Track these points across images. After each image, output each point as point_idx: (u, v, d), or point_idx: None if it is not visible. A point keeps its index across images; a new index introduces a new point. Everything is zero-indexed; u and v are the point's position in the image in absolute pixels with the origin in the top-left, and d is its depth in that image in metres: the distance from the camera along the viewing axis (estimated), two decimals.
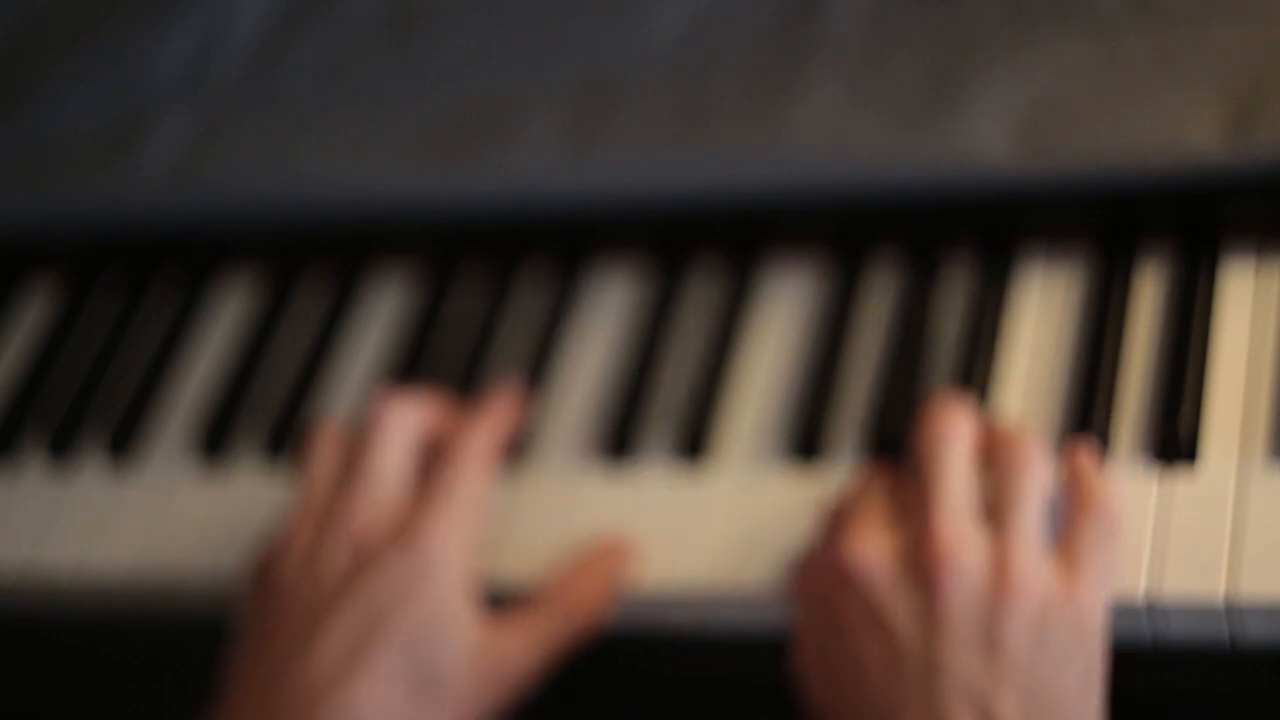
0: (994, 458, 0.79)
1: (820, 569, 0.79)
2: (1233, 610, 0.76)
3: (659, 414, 0.90)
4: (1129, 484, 0.80)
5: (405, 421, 0.87)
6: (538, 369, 0.93)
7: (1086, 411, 0.82)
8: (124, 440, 0.97)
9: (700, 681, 0.88)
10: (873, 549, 0.77)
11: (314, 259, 1.01)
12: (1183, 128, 0.84)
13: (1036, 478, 0.78)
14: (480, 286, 0.97)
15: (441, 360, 0.95)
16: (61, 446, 0.98)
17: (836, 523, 0.79)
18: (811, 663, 0.78)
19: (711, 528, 0.85)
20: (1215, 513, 0.78)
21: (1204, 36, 0.86)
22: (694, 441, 0.88)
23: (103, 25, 1.08)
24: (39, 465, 0.98)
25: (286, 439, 0.94)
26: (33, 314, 1.06)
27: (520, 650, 0.83)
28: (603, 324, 0.94)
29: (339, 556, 0.83)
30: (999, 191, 0.88)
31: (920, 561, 0.75)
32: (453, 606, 0.82)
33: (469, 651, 0.81)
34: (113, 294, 1.04)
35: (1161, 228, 0.87)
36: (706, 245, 0.94)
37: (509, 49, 1.00)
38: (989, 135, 0.87)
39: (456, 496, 0.84)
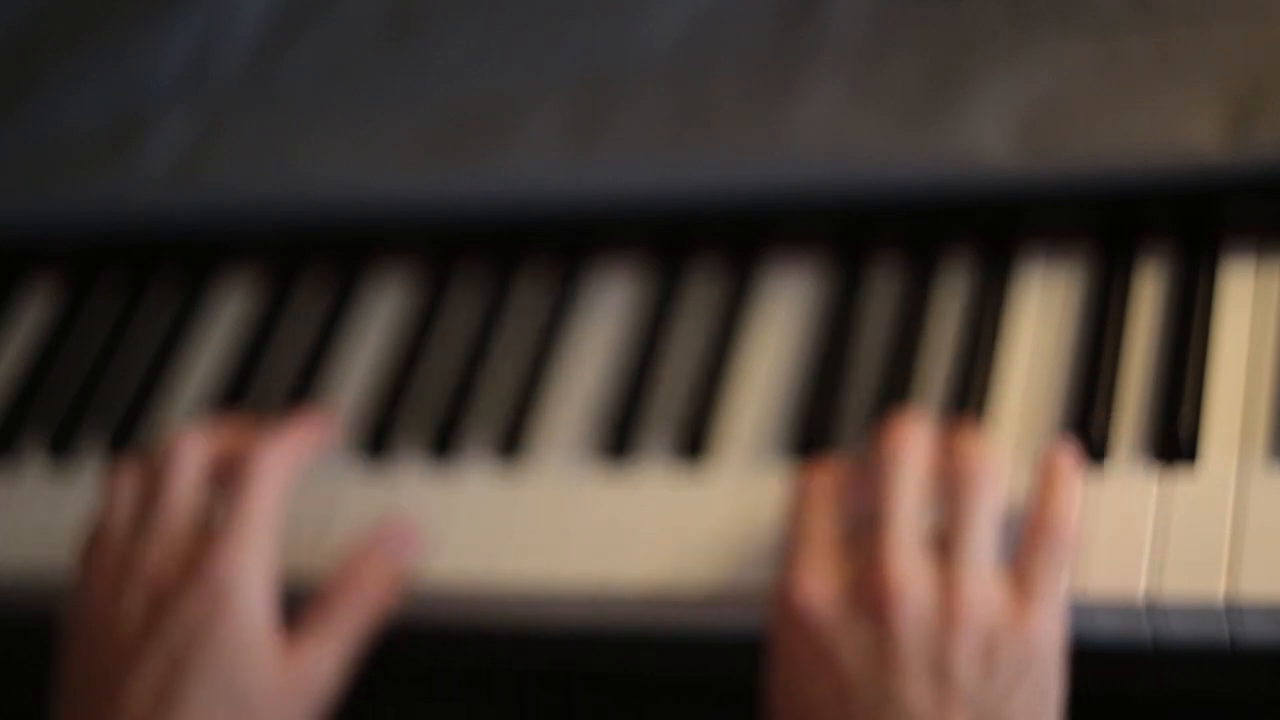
0: (946, 478, 0.78)
1: (773, 606, 0.78)
2: (1233, 610, 0.76)
3: (659, 414, 0.90)
4: (1129, 484, 0.80)
5: (194, 454, 0.87)
6: (538, 369, 0.93)
7: (1086, 411, 0.82)
8: (124, 440, 0.97)
9: (701, 682, 0.88)
10: (818, 585, 0.77)
11: (314, 259, 1.01)
12: (1183, 128, 0.84)
13: (985, 499, 0.77)
14: (480, 286, 0.97)
15: (441, 360, 0.95)
16: (61, 446, 0.98)
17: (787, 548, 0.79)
18: (777, 699, 0.78)
19: (711, 528, 0.85)
20: (1215, 513, 0.78)
21: (1204, 36, 0.86)
22: (694, 441, 0.88)
23: (103, 25, 1.08)
24: (39, 465, 0.98)
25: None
26: (33, 314, 1.06)
27: (322, 658, 0.84)
28: (603, 324, 0.94)
29: (136, 605, 0.84)
30: (999, 191, 0.88)
31: (868, 596, 0.75)
32: (252, 632, 0.83)
33: (274, 672, 0.83)
34: (113, 294, 1.04)
35: (1161, 228, 0.87)
36: (706, 245, 0.94)
37: (509, 49, 1.00)
38: (989, 135, 0.87)
39: (247, 519, 0.84)
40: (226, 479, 0.87)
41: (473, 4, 1.02)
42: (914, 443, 0.79)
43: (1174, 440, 0.80)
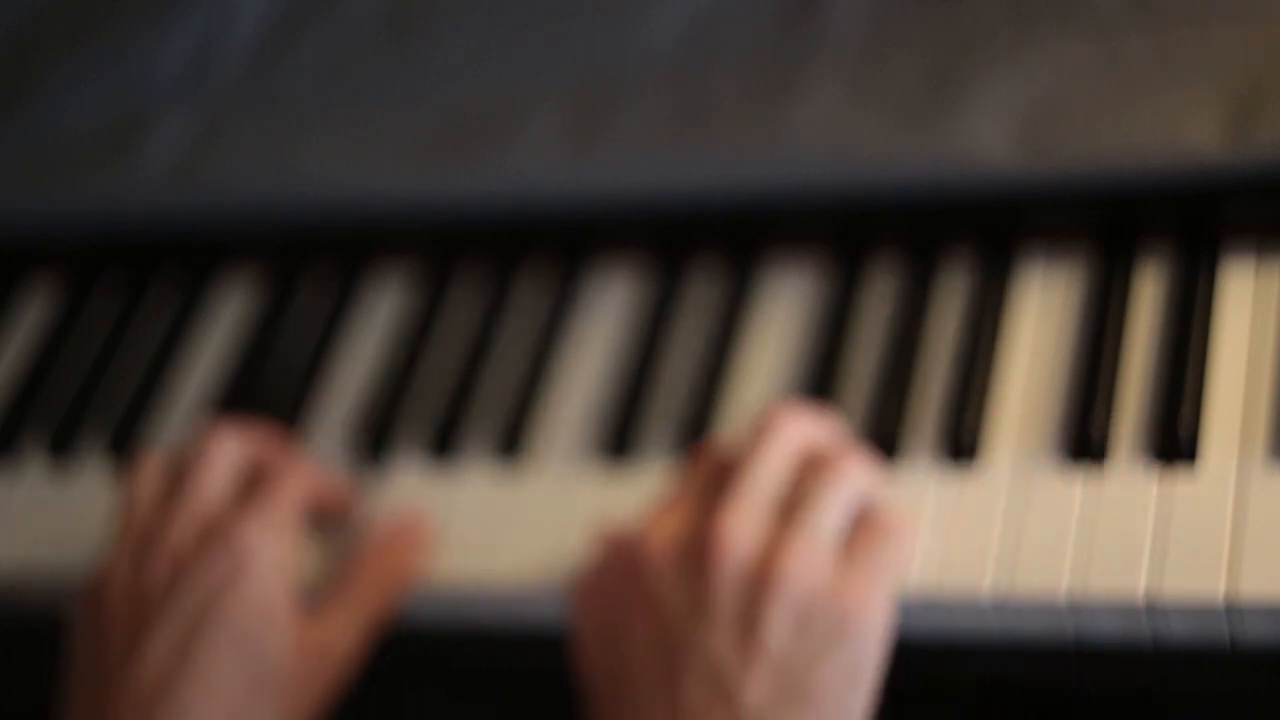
0: (812, 461, 0.80)
1: (618, 555, 0.80)
2: (1233, 610, 0.76)
3: (659, 414, 0.90)
4: (1129, 484, 0.80)
5: (229, 448, 0.88)
6: (538, 369, 0.93)
7: (1086, 411, 0.82)
8: (124, 440, 0.97)
9: None
10: (659, 533, 0.78)
11: (314, 259, 1.01)
12: (1183, 128, 0.84)
13: (841, 482, 0.78)
14: (480, 286, 0.97)
15: (441, 360, 0.95)
16: (61, 446, 0.98)
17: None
18: (592, 659, 0.80)
19: None
20: (1215, 513, 0.78)
21: (1204, 36, 0.86)
22: (693, 441, 0.88)
23: (103, 25, 1.08)
24: (39, 465, 0.98)
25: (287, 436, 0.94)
26: (33, 314, 1.06)
27: (339, 635, 0.85)
28: (603, 324, 0.94)
29: (160, 570, 0.84)
30: (999, 191, 0.88)
31: (697, 545, 0.77)
32: (271, 600, 0.84)
33: (291, 641, 0.84)
34: (113, 294, 1.04)
35: (1161, 228, 0.87)
36: (706, 245, 0.94)
37: (509, 49, 1.00)
38: (989, 135, 0.87)
39: (275, 501, 0.86)
40: (254, 480, 0.88)
41: (473, 4, 1.02)
42: (794, 425, 0.80)
43: (1174, 440, 0.80)
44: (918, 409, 0.85)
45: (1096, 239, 0.88)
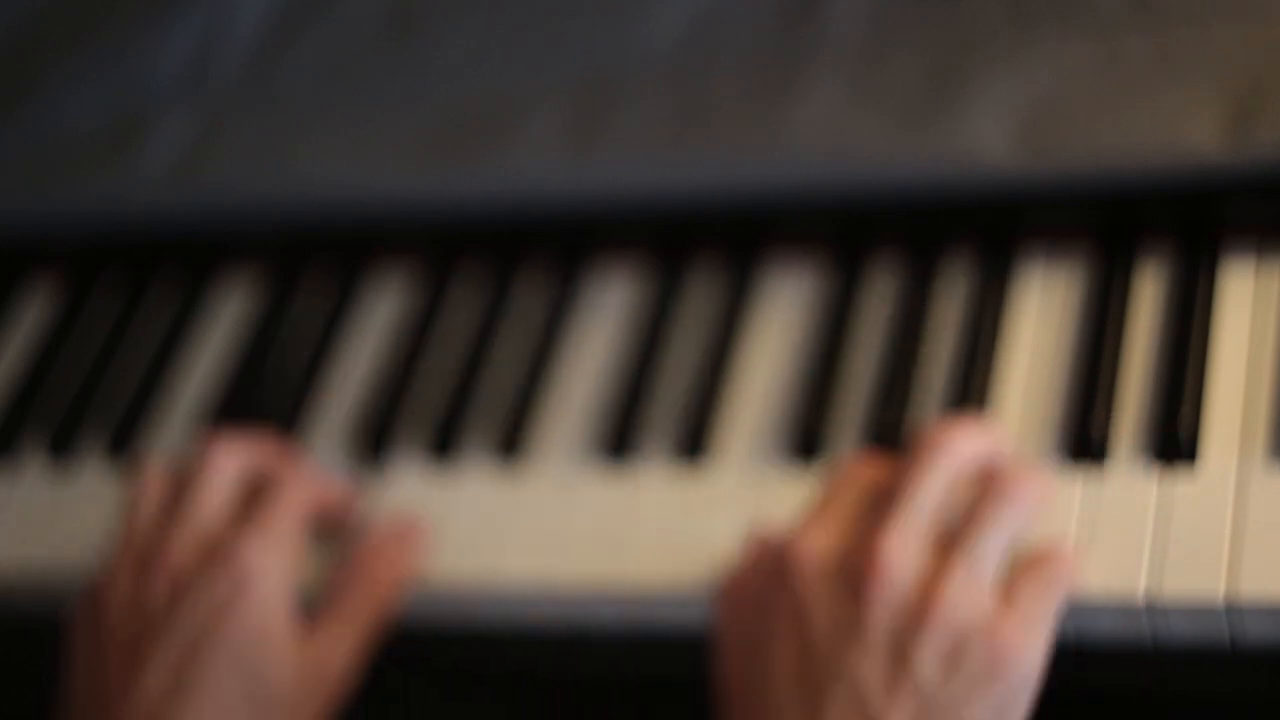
0: (980, 487, 0.78)
1: (767, 559, 0.79)
2: (1233, 610, 0.76)
3: (659, 414, 0.90)
4: (1129, 484, 0.80)
5: (229, 460, 0.88)
6: (538, 369, 0.93)
7: (1086, 411, 0.82)
8: (124, 440, 0.97)
9: (701, 683, 0.88)
10: (817, 544, 0.77)
11: (314, 259, 1.01)
12: (1183, 128, 0.84)
13: (1008, 513, 0.77)
14: (480, 286, 0.97)
15: (441, 360, 0.95)
16: (61, 446, 0.98)
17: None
18: (732, 665, 0.78)
19: (712, 528, 0.85)
20: (1215, 513, 0.78)
21: (1204, 36, 0.86)
22: (694, 441, 0.88)
23: (103, 25, 1.08)
24: (39, 465, 0.98)
25: (288, 439, 0.94)
26: (33, 314, 1.06)
27: (337, 647, 0.85)
28: (602, 324, 0.94)
29: (160, 588, 0.85)
30: (999, 191, 0.87)
31: (855, 566, 0.75)
32: (270, 619, 0.84)
33: (290, 659, 0.84)
34: (113, 294, 1.04)
35: (1161, 228, 0.87)
36: (706, 245, 0.94)
37: (509, 49, 1.00)
38: (989, 135, 0.87)
39: (275, 516, 0.86)
40: (255, 491, 0.88)
41: (473, 4, 1.02)
42: (960, 443, 0.78)
43: (1174, 440, 0.80)
44: (918, 409, 0.85)
45: (1096, 239, 0.88)
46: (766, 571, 0.78)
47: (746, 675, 0.77)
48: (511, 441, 0.90)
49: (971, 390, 0.85)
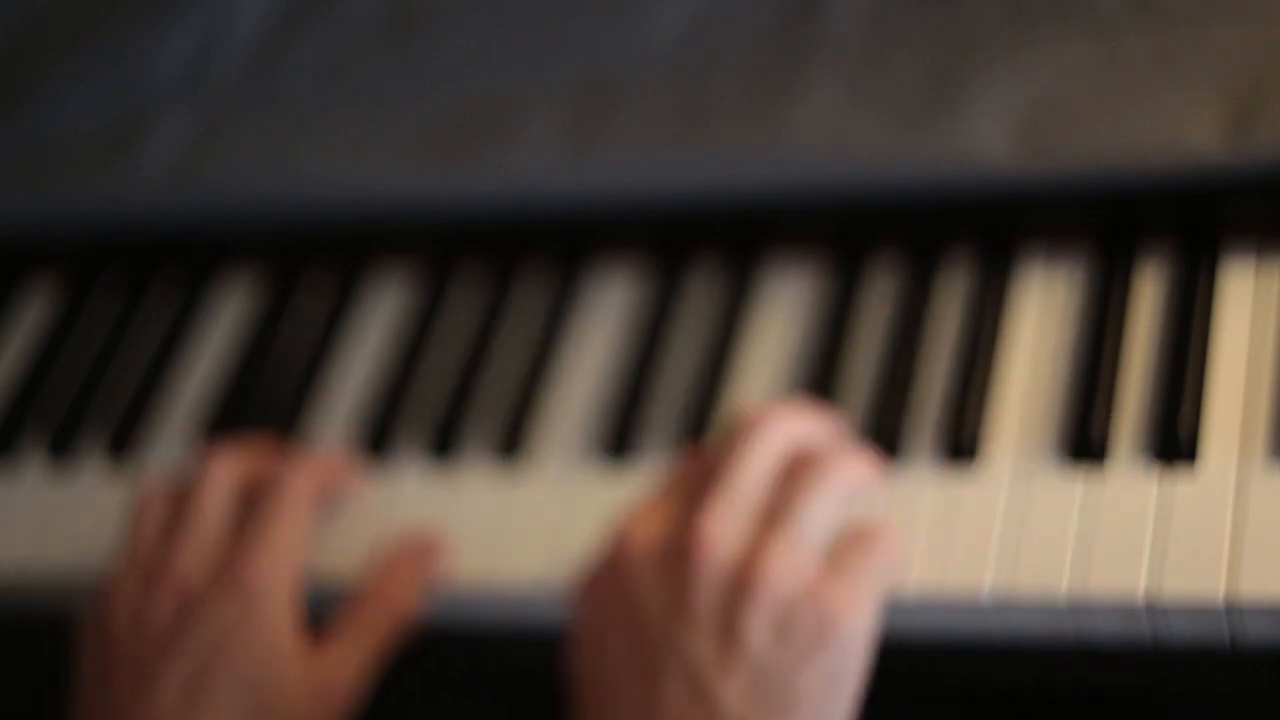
0: (798, 463, 0.79)
1: (604, 556, 0.80)
2: (1233, 610, 0.76)
3: (659, 414, 0.90)
4: (1129, 484, 0.80)
5: (227, 471, 0.88)
6: (537, 369, 0.93)
7: (1086, 411, 0.82)
8: (124, 440, 0.97)
9: None
10: (643, 532, 0.78)
11: (314, 259, 1.01)
12: (1183, 128, 0.84)
13: (827, 486, 0.78)
14: (480, 286, 0.97)
15: (441, 360, 0.95)
16: (61, 446, 0.98)
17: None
18: (578, 658, 0.79)
19: None
20: (1215, 513, 0.78)
21: (1204, 36, 0.86)
22: (694, 441, 0.87)
23: (103, 25, 1.08)
24: (39, 465, 0.98)
25: (288, 439, 0.94)
26: (33, 314, 1.06)
27: (347, 663, 0.85)
28: (603, 324, 0.94)
29: (165, 606, 0.85)
30: (999, 191, 0.88)
31: (678, 547, 0.77)
32: (279, 636, 0.84)
33: (300, 675, 0.84)
34: (113, 294, 1.04)
35: (1161, 228, 0.87)
36: (706, 245, 0.94)
37: (509, 49, 1.00)
38: (989, 135, 0.87)
39: (277, 528, 0.86)
40: (255, 498, 0.88)
41: (473, 4, 1.02)
42: (778, 424, 0.80)
43: (1174, 440, 0.80)
44: (918, 409, 0.85)
45: (1096, 239, 0.88)
46: (604, 567, 0.79)
47: (590, 669, 0.78)
48: (511, 441, 0.90)
49: (971, 390, 0.85)
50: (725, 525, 0.77)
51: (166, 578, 0.85)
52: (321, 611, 0.87)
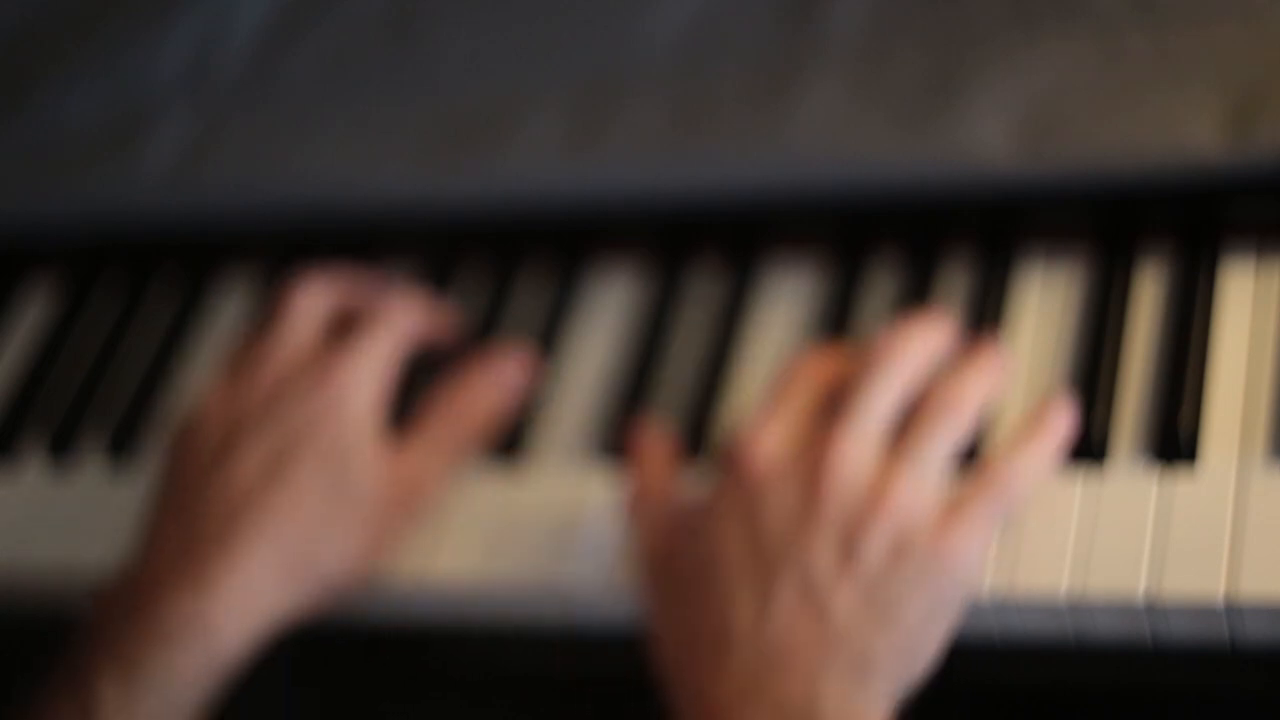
0: (929, 397, 0.80)
1: (720, 460, 0.81)
2: (1233, 610, 0.76)
3: (660, 414, 0.89)
4: (1129, 484, 0.80)
5: (319, 291, 0.92)
6: (537, 369, 0.93)
7: (1086, 411, 0.82)
8: (124, 440, 0.97)
9: None
10: (769, 445, 0.79)
11: (314, 259, 1.01)
12: (1183, 128, 0.84)
13: (953, 422, 0.79)
14: (480, 286, 0.97)
15: (441, 359, 0.95)
16: (61, 446, 0.98)
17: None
18: (691, 557, 0.80)
19: None
20: (1215, 513, 0.78)
21: (1204, 36, 0.86)
22: (694, 441, 0.88)
23: (103, 25, 1.08)
24: (39, 465, 0.98)
25: None
26: (33, 314, 1.06)
27: (425, 464, 0.88)
28: (603, 324, 0.94)
29: (254, 396, 0.88)
30: (999, 191, 0.87)
31: (809, 465, 0.78)
32: (361, 432, 0.87)
33: (377, 469, 0.87)
34: (113, 294, 1.04)
35: (1161, 228, 0.87)
36: (706, 245, 0.94)
37: (509, 49, 1.00)
38: (989, 135, 0.87)
39: (371, 346, 0.89)
40: (350, 322, 0.91)
41: (473, 4, 1.02)
42: (913, 347, 0.81)
43: (1174, 440, 0.80)
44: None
45: (1096, 239, 0.88)
46: (725, 472, 0.80)
47: (703, 563, 0.79)
48: (511, 441, 0.90)
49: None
50: (858, 450, 0.78)
51: (255, 376, 0.89)
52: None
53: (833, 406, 0.80)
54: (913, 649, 0.77)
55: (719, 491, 0.80)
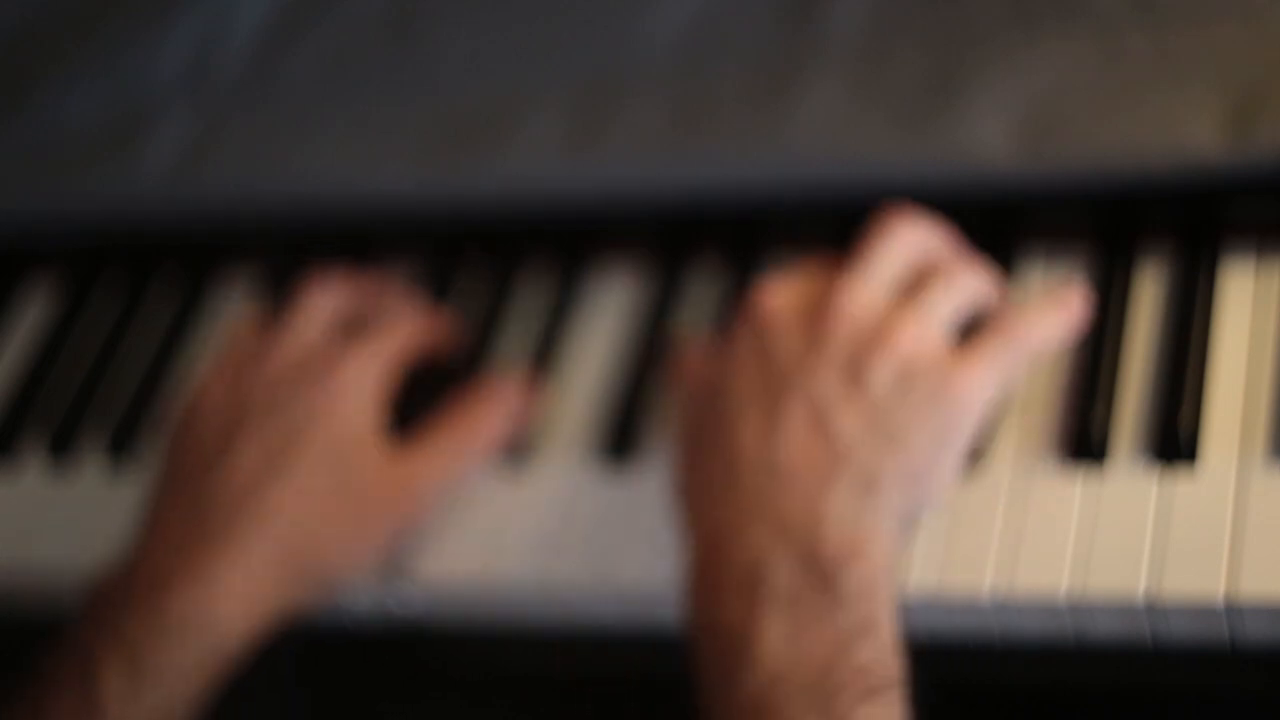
0: (932, 265, 0.82)
1: (730, 325, 0.83)
2: (1233, 610, 0.76)
3: (660, 414, 0.89)
4: (1129, 484, 0.80)
5: (329, 293, 0.92)
6: (538, 369, 0.93)
7: (1086, 411, 0.82)
8: (124, 440, 0.97)
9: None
10: (777, 298, 0.82)
11: (314, 259, 1.01)
12: (1183, 128, 0.84)
13: (959, 290, 0.81)
14: (480, 286, 0.97)
15: (441, 359, 0.95)
16: (61, 446, 0.98)
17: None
18: (693, 411, 0.82)
19: None
20: (1215, 513, 0.78)
21: (1204, 36, 0.86)
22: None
23: (102, 25, 1.08)
24: (39, 465, 0.98)
25: None
26: (33, 314, 1.06)
27: (427, 470, 0.88)
28: (603, 323, 0.94)
29: (256, 390, 0.89)
30: (999, 191, 0.88)
31: (817, 308, 0.80)
32: (363, 432, 0.88)
33: (379, 467, 0.87)
34: (113, 294, 1.04)
35: (1161, 228, 0.87)
36: (706, 245, 0.94)
37: (509, 48, 1.00)
38: (989, 135, 0.87)
39: (375, 346, 0.89)
40: (358, 323, 0.92)
41: (473, 4, 1.02)
42: (922, 230, 0.83)
43: (1174, 440, 0.80)
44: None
45: (1096, 239, 0.88)
46: (737, 323, 0.82)
47: (712, 406, 0.81)
48: (511, 441, 0.90)
49: None
50: (865, 294, 0.80)
51: (259, 372, 0.89)
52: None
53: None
54: (918, 474, 0.78)
55: (733, 337, 0.82)
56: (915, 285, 0.81)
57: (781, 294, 0.82)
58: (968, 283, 0.82)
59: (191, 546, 0.85)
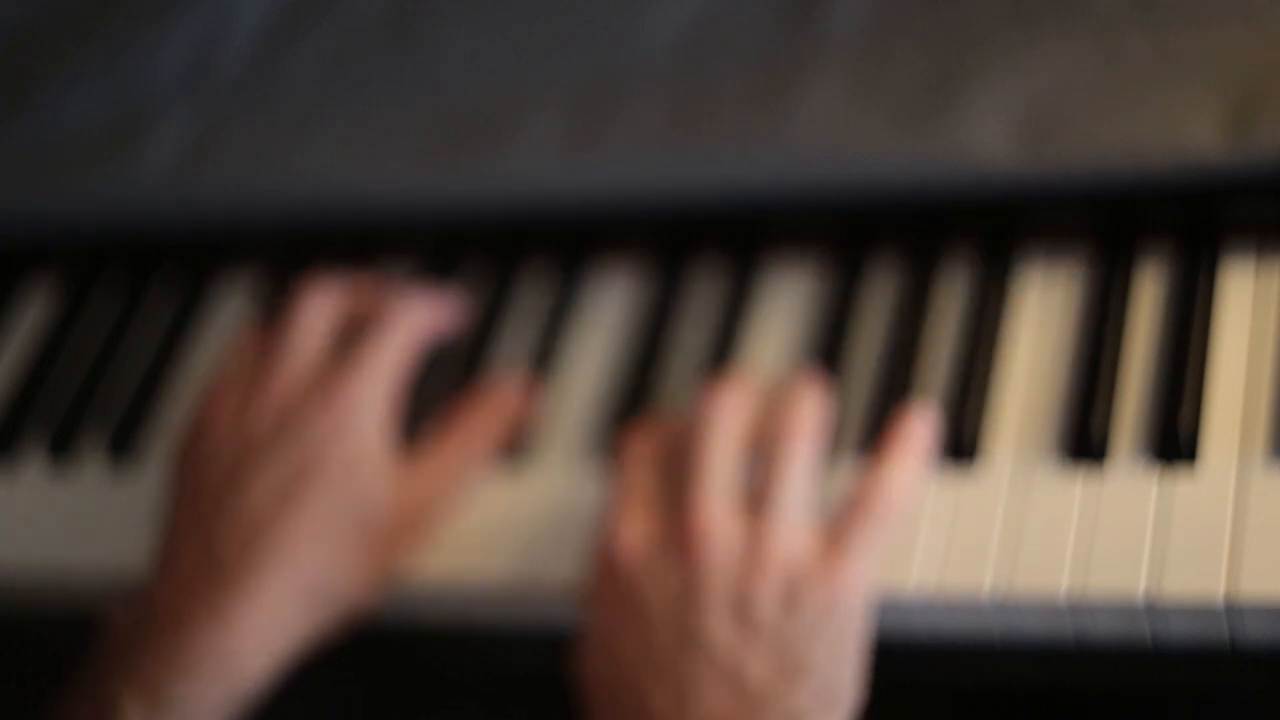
0: (764, 439, 0.81)
1: (592, 562, 0.82)
2: (1233, 610, 0.76)
3: (659, 414, 0.89)
4: (1129, 484, 0.80)
5: (324, 300, 0.92)
6: (538, 369, 0.93)
7: (1086, 411, 0.82)
8: (124, 440, 0.97)
9: None
10: (632, 533, 0.80)
11: (314, 259, 1.01)
12: (1183, 128, 0.84)
13: (798, 456, 0.81)
14: (480, 286, 0.97)
15: (442, 359, 0.95)
16: (61, 446, 0.98)
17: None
18: (590, 665, 0.81)
19: None
20: (1215, 513, 0.78)
21: (1204, 36, 0.86)
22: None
23: (102, 25, 1.08)
24: (39, 465, 0.98)
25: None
26: (33, 314, 1.06)
27: (434, 483, 0.89)
28: (603, 324, 0.94)
29: (264, 420, 0.88)
30: (999, 191, 0.88)
31: (678, 540, 0.79)
32: (371, 451, 0.87)
33: (389, 487, 0.87)
34: (113, 294, 1.04)
35: (1161, 228, 0.87)
36: (706, 245, 0.94)
37: (509, 49, 1.00)
38: (989, 135, 0.87)
39: (376, 353, 0.89)
40: (354, 333, 0.91)
41: (473, 4, 1.02)
42: (731, 403, 0.82)
43: (1174, 440, 0.80)
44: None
45: (1096, 239, 0.88)
46: (599, 572, 0.81)
47: (605, 671, 0.80)
48: (512, 442, 0.90)
49: (971, 390, 0.85)
50: (718, 511, 0.79)
51: (264, 396, 0.89)
52: None
53: (677, 474, 0.81)
54: (831, 687, 0.77)
55: (599, 598, 0.81)
56: (758, 476, 0.80)
57: (633, 527, 0.81)
58: (806, 444, 0.81)
59: (208, 583, 0.84)
